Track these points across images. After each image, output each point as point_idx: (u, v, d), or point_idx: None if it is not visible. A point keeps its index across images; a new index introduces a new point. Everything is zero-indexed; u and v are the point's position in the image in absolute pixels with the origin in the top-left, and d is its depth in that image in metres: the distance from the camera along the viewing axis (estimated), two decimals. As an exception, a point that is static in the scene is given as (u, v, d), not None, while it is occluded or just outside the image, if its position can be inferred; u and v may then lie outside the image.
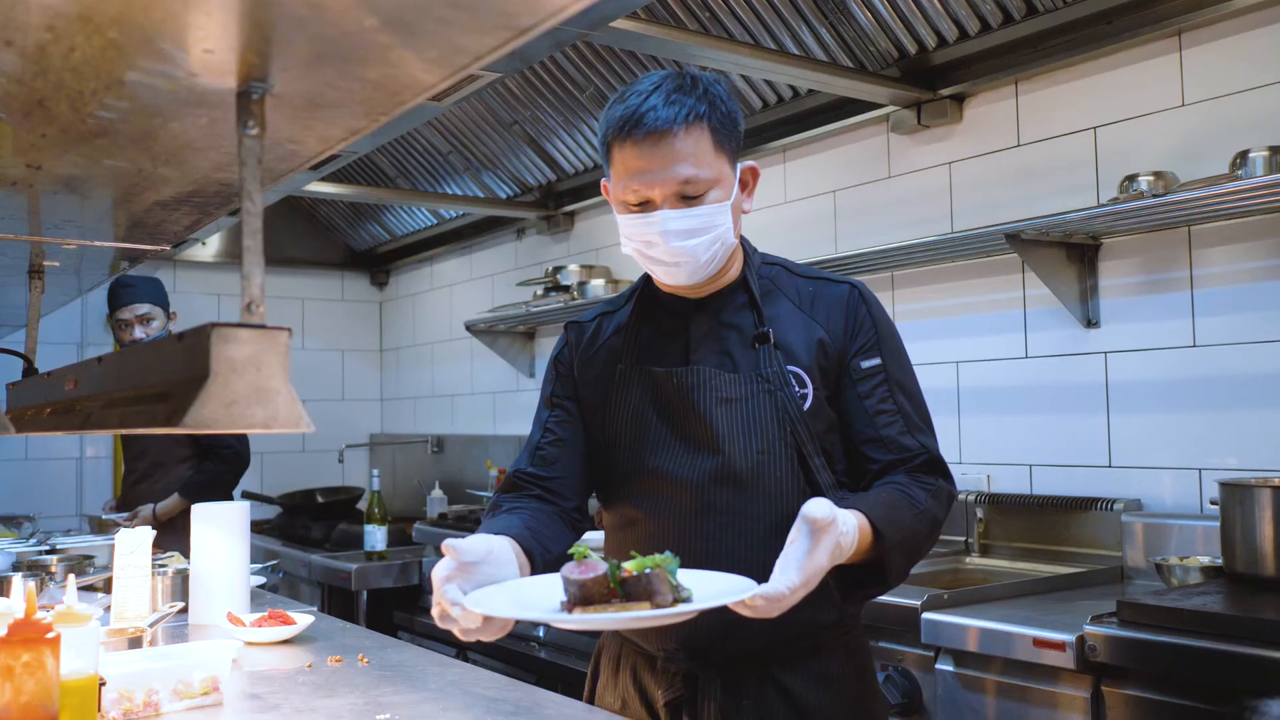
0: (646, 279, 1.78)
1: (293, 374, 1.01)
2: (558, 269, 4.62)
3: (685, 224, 1.59)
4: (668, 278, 1.67)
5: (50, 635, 1.25)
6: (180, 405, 1.01)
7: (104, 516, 4.17)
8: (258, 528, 5.52)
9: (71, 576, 1.39)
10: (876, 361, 1.66)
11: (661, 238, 1.59)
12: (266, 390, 1.02)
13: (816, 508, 1.34)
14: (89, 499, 5.65)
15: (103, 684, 1.41)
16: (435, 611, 1.38)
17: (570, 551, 1.38)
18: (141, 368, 1.21)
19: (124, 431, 1.23)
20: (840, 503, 1.46)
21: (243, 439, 4.29)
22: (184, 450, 4.21)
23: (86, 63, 0.95)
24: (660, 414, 1.68)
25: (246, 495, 5.71)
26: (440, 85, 1.03)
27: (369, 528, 4.36)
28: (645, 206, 1.61)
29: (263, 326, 1.03)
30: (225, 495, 4.12)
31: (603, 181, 1.73)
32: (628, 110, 1.59)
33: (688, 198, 1.59)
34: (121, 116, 1.10)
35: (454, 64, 0.98)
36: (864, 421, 1.65)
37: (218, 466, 4.16)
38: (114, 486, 5.68)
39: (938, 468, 1.66)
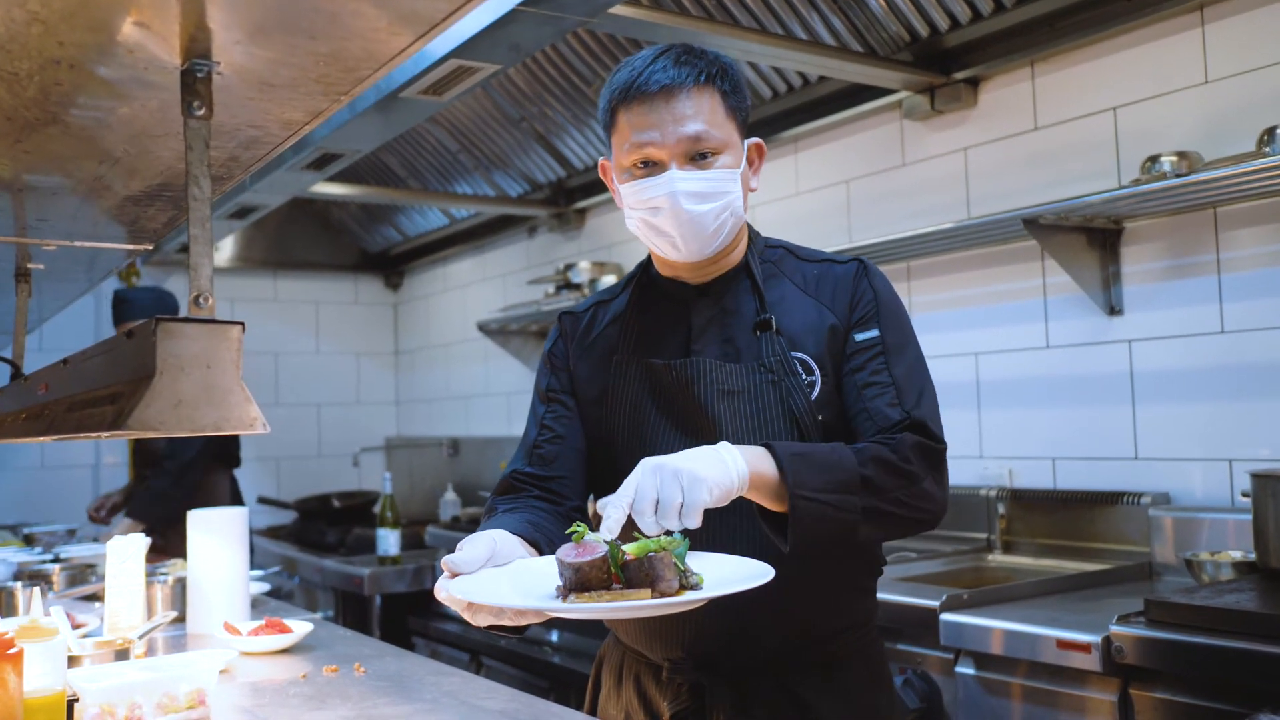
0: (645, 265, 1.71)
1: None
2: (569, 267, 4.55)
3: (696, 186, 1.50)
4: (672, 251, 1.57)
5: (12, 651, 1.19)
6: (126, 407, 0.94)
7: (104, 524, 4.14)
8: (274, 533, 5.49)
9: (36, 589, 1.33)
10: (874, 334, 1.56)
11: (669, 200, 1.50)
12: (217, 389, 0.95)
13: None
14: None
15: (74, 700, 1.35)
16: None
17: (569, 531, 1.29)
18: (97, 369, 1.15)
19: (78, 437, 1.17)
20: None
21: (190, 449, 4.10)
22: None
23: (13, 40, 0.89)
24: (660, 408, 1.60)
25: (262, 500, 5.69)
26: (397, 57, 0.96)
27: (381, 532, 4.30)
28: (652, 169, 1.53)
29: (212, 321, 0.96)
30: (176, 511, 3.76)
31: (601, 161, 1.65)
32: (633, 74, 1.53)
33: (698, 158, 1.51)
34: (65, 101, 1.04)
35: (410, 31, 0.91)
36: (853, 396, 1.54)
37: (160, 481, 4.04)
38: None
39: (913, 429, 1.49)
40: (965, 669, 2.24)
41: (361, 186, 5.21)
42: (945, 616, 2.26)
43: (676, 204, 1.50)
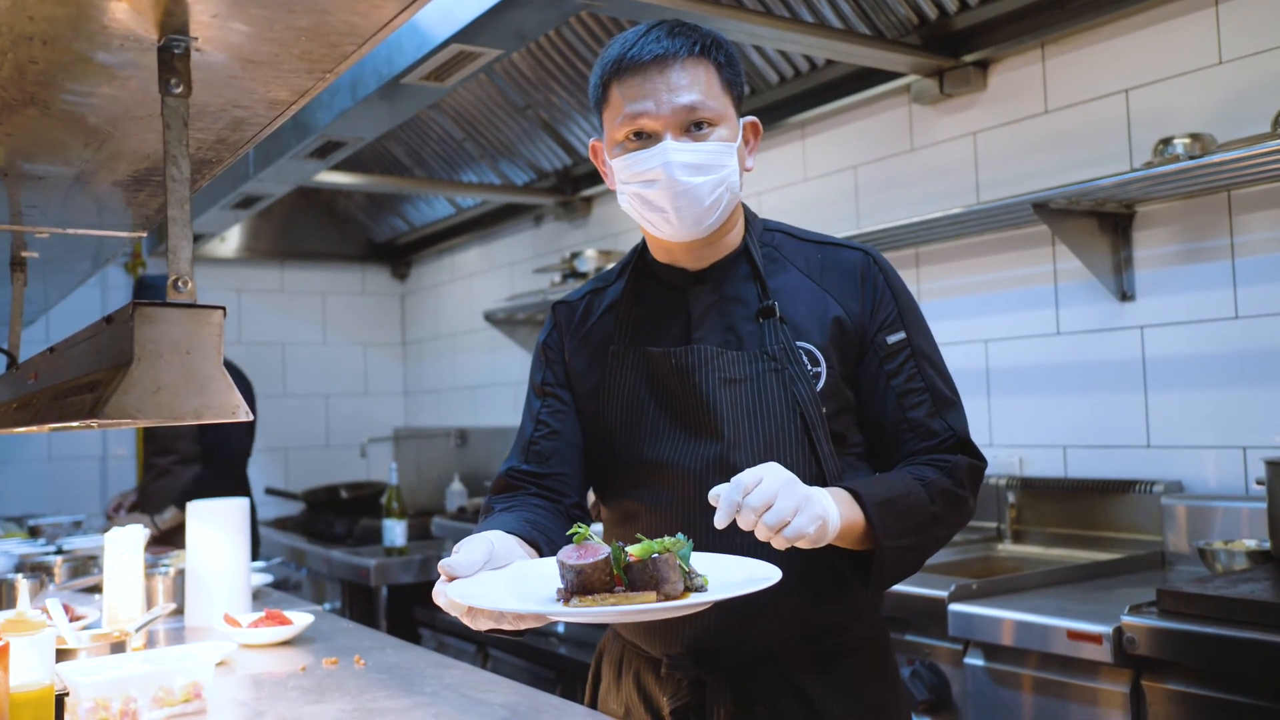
0: (640, 251, 1.67)
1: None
2: (575, 255, 4.52)
3: (691, 157, 1.47)
4: (666, 227, 1.53)
5: (-3, 645, 1.17)
6: (104, 394, 0.92)
7: (122, 516, 4.11)
8: (282, 524, 5.47)
9: (23, 581, 1.30)
10: (901, 336, 1.54)
11: (664, 170, 1.46)
12: (197, 375, 0.93)
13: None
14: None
15: (64, 694, 1.33)
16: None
17: (570, 533, 1.26)
18: (80, 356, 1.13)
19: (62, 427, 1.14)
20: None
21: (240, 436, 4.17)
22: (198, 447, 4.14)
23: (-19, 14, 0.86)
24: (658, 398, 1.56)
25: (270, 491, 5.68)
26: (382, 30, 0.93)
27: (388, 522, 4.29)
28: (646, 141, 1.49)
29: (192, 305, 0.93)
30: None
31: (592, 142, 1.61)
32: (625, 46, 1.50)
33: (693, 129, 1.48)
34: (42, 80, 1.01)
35: (393, 2, 0.88)
36: (892, 403, 1.53)
37: (212, 473, 4.07)
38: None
39: (962, 448, 1.54)
40: (974, 660, 2.20)
41: (367, 176, 5.18)
42: (954, 607, 2.22)
43: (671, 175, 1.46)
